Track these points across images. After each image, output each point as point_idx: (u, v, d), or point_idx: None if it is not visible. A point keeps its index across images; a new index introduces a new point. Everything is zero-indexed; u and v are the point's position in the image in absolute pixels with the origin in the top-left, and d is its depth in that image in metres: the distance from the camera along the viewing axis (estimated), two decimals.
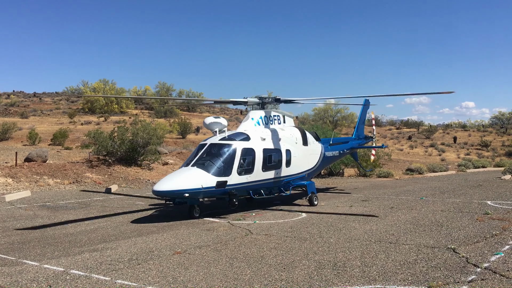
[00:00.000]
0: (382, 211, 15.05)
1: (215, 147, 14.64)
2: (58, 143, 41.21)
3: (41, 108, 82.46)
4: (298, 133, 17.64)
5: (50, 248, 9.80)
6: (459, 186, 24.45)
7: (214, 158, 14.21)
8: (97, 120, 66.67)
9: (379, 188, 23.92)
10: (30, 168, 22.78)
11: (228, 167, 14.15)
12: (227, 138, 14.96)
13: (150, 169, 27.54)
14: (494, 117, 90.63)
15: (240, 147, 14.62)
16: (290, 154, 16.58)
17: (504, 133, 77.40)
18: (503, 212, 14.62)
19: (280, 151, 16.13)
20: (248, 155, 14.82)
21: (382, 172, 33.01)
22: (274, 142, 16.07)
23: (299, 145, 17.36)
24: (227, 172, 14.06)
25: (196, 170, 13.69)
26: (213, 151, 14.48)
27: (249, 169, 14.81)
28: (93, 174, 24.02)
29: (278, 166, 16.02)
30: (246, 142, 15.00)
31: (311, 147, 18.33)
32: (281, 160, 16.14)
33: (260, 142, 15.44)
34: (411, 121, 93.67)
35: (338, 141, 21.70)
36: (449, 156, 57.52)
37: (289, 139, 16.90)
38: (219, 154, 14.31)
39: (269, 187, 15.90)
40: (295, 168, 16.90)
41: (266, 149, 15.54)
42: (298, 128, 18.19)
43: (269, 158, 15.58)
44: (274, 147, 15.95)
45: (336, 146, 20.79)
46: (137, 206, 16.58)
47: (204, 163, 14.02)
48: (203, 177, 13.52)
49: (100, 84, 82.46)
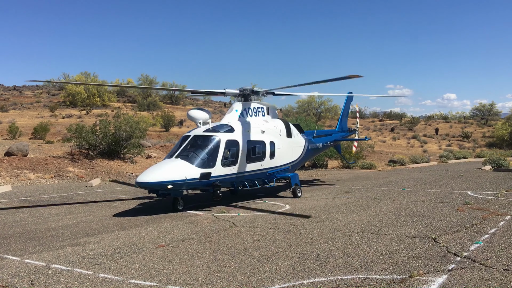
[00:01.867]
0: (365, 202, 15.19)
1: (199, 138, 14.58)
2: (39, 137, 40.59)
3: (21, 101, 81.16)
4: (282, 125, 17.68)
5: (32, 242, 9.69)
6: (441, 177, 24.80)
7: (198, 149, 14.15)
8: (79, 114, 65.85)
9: (362, 179, 24.13)
10: (11, 162, 22.44)
11: (212, 158, 14.13)
12: (211, 129, 14.91)
13: (133, 163, 27.35)
14: (475, 108, 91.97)
15: (224, 139, 14.61)
16: (274, 146, 16.62)
17: (485, 125, 78.62)
18: (482, 202, 14.88)
19: (264, 143, 16.16)
20: (232, 147, 14.81)
21: (365, 163, 33.30)
22: (258, 134, 16.09)
23: (283, 137, 17.41)
24: (211, 164, 14.04)
25: (180, 162, 13.64)
26: (197, 143, 14.42)
27: (233, 161, 14.82)
28: (75, 168, 23.76)
29: (262, 158, 16.06)
30: (230, 133, 14.99)
31: (295, 139, 18.40)
32: (265, 152, 16.18)
33: (244, 134, 15.44)
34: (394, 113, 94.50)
35: (321, 133, 21.81)
36: (431, 147, 58.25)
37: (273, 131, 16.94)
38: (203, 146, 14.26)
39: (253, 178, 15.93)
40: (279, 160, 16.95)
41: (250, 140, 15.56)
42: (282, 120, 18.23)
43: (253, 150, 15.60)
44: (258, 139, 15.96)
45: (320, 139, 20.92)
46: (119, 200, 16.47)
47: (188, 154, 13.96)
48: (187, 168, 13.47)
49: (81, 77, 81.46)
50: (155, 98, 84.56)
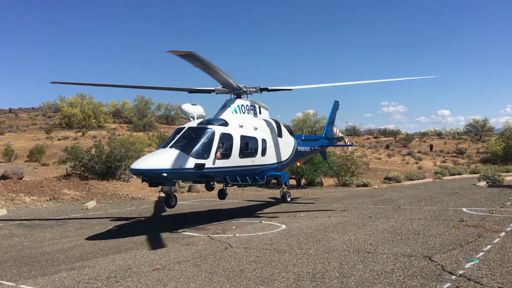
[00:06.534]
0: (361, 221, 15.21)
1: (193, 130, 14.56)
2: (34, 160, 40.48)
3: (17, 124, 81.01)
4: (273, 124, 17.95)
5: (27, 267, 9.65)
6: (436, 193, 24.86)
7: (192, 141, 14.12)
8: (75, 135, 65.75)
9: (357, 197, 24.16)
10: (6, 185, 22.37)
11: (207, 150, 14.13)
12: (205, 122, 14.98)
13: (129, 184, 27.30)
14: (469, 124, 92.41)
15: (219, 132, 14.65)
16: (265, 143, 16.85)
17: (479, 140, 78.96)
18: (478, 219, 14.93)
19: (256, 140, 16.33)
20: (226, 140, 14.88)
21: (360, 181, 33.36)
22: (251, 130, 16.25)
23: (274, 136, 17.67)
24: (205, 155, 14.03)
25: (175, 151, 13.52)
26: (192, 135, 14.39)
27: (227, 154, 14.88)
28: (71, 191, 23.70)
29: (254, 154, 16.21)
30: (225, 127, 15.06)
31: (285, 139, 18.71)
32: (257, 148, 16.34)
33: (238, 129, 15.55)
34: (388, 130, 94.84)
35: (309, 138, 22.45)
36: (426, 164, 58.39)
37: (265, 129, 17.17)
38: (197, 137, 14.23)
39: (245, 174, 16.04)
40: (269, 158, 17.15)
41: (244, 136, 15.67)
42: (274, 120, 18.41)
43: (246, 145, 15.69)
44: (251, 135, 16.12)
45: (308, 142, 21.39)
46: (115, 222, 16.42)
47: (183, 145, 13.91)
48: (182, 158, 13.41)
49: (77, 98, 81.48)
50: (151, 118, 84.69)
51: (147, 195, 25.18)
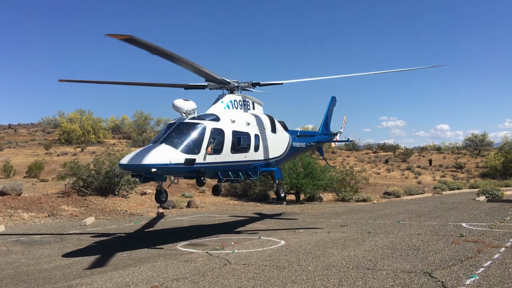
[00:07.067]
0: (360, 236, 15.15)
1: (184, 125, 14.43)
2: (33, 175, 40.46)
3: (16, 140, 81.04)
4: (267, 120, 17.79)
5: (24, 285, 9.57)
6: (435, 208, 24.81)
7: (183, 136, 14.02)
8: (74, 151, 65.80)
9: (357, 212, 24.10)
10: (4, 202, 22.31)
11: (198, 145, 14.04)
12: (196, 117, 14.85)
13: (128, 200, 27.22)
14: (468, 139, 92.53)
15: (210, 127, 14.55)
16: (258, 139, 16.73)
17: (478, 155, 78.99)
18: (477, 234, 14.89)
19: (249, 135, 16.21)
20: (218, 135, 14.80)
21: (360, 196, 33.31)
22: (244, 125, 16.15)
23: (268, 132, 17.53)
24: (196, 151, 13.93)
25: (164, 146, 13.47)
26: (183, 130, 14.26)
27: (218, 149, 14.79)
28: (70, 207, 23.62)
29: (247, 149, 16.08)
30: (216, 122, 14.97)
31: (280, 135, 18.55)
32: (250, 144, 16.22)
33: (230, 124, 15.46)
34: (387, 145, 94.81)
35: (305, 133, 22.12)
36: (425, 178, 58.35)
37: (258, 124, 17.03)
38: (188, 133, 14.13)
39: (237, 169, 15.94)
40: (263, 153, 17.02)
41: (236, 131, 15.56)
42: (267, 115, 18.23)
43: (238, 141, 15.56)
44: (244, 131, 16.00)
45: (303, 138, 21.08)
46: (113, 239, 16.34)
47: (173, 140, 13.83)
48: (172, 153, 13.32)
49: (76, 114, 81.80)
50: (150, 134, 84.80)
51: (146, 211, 25.09)
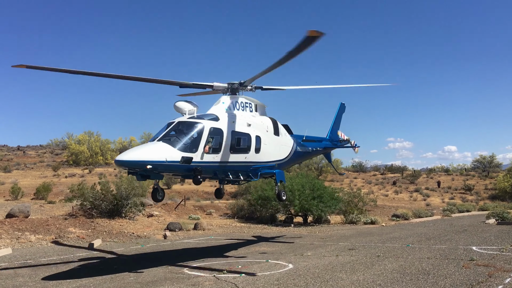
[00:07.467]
0: (369, 260, 15.00)
1: (183, 124, 14.47)
2: (41, 197, 40.60)
3: (24, 161, 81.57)
4: (269, 122, 17.67)
5: None
6: (445, 231, 24.55)
7: (181, 134, 14.04)
8: (82, 173, 66.07)
9: (365, 235, 23.88)
10: (12, 224, 22.36)
11: (195, 144, 14.02)
12: (196, 117, 14.88)
13: (135, 222, 27.20)
14: (476, 160, 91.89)
15: (208, 126, 14.53)
16: (260, 140, 16.59)
17: (486, 177, 78.37)
18: (488, 258, 14.69)
19: (249, 136, 16.12)
20: (216, 134, 14.75)
21: (368, 219, 33.04)
22: (244, 126, 16.07)
23: (270, 134, 17.39)
24: (193, 149, 13.92)
25: (161, 144, 13.51)
26: (181, 128, 14.30)
27: (217, 149, 14.73)
28: (77, 229, 23.62)
29: (247, 150, 15.97)
30: (215, 122, 14.95)
31: (283, 138, 18.38)
32: (250, 145, 16.12)
33: (230, 124, 15.41)
34: (395, 166, 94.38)
35: (311, 138, 21.59)
36: (434, 200, 57.88)
37: (260, 126, 16.92)
38: (186, 131, 14.15)
39: (237, 170, 15.81)
40: (264, 156, 16.86)
41: (235, 131, 15.51)
42: (270, 118, 18.10)
43: (238, 141, 15.53)
44: (244, 131, 15.93)
45: (309, 143, 20.82)
46: (120, 261, 16.29)
47: (170, 138, 13.86)
48: (168, 150, 13.32)
49: (85, 136, 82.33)
50: None
51: (153, 233, 25.02)
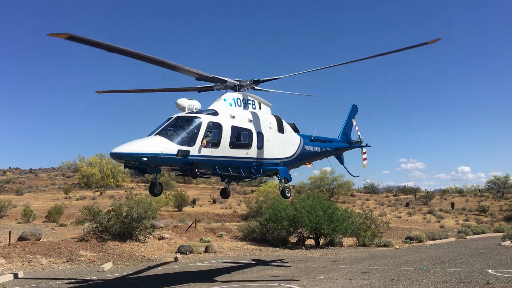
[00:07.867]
0: (383, 284, 14.74)
1: (181, 119, 14.52)
2: (52, 220, 40.77)
3: (36, 184, 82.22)
4: (273, 119, 17.49)
5: None
6: (460, 254, 24.11)
7: (178, 128, 14.09)
8: (93, 195, 66.32)
9: (379, 258, 23.52)
10: (24, 247, 22.40)
11: (192, 138, 14.01)
12: (194, 112, 14.89)
13: (145, 244, 27.10)
14: (490, 181, 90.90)
15: (206, 120, 14.50)
16: (262, 137, 16.43)
17: (501, 198, 77.20)
18: (504, 281, 14.37)
19: (250, 132, 15.96)
20: (215, 129, 14.68)
21: (381, 241, 32.59)
22: (245, 122, 15.96)
23: (273, 131, 17.20)
24: (190, 143, 13.89)
25: (157, 137, 13.57)
26: (179, 123, 14.36)
27: (215, 143, 14.63)
28: (88, 252, 23.59)
29: (248, 146, 15.81)
30: (214, 116, 14.90)
31: (288, 136, 18.13)
32: (252, 141, 15.96)
33: (229, 119, 15.32)
34: (407, 188, 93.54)
35: (320, 139, 21.11)
36: (448, 222, 57.00)
37: (263, 123, 16.75)
38: (184, 125, 14.19)
39: (237, 166, 15.65)
40: (268, 152, 16.69)
41: (235, 127, 15.39)
42: (274, 116, 17.94)
43: (238, 136, 15.40)
44: (245, 127, 15.80)
45: (318, 143, 20.41)
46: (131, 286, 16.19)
47: (168, 132, 13.90)
48: (164, 144, 13.34)
49: (96, 158, 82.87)
50: (168, 177, 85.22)
51: (164, 256, 24.90)
